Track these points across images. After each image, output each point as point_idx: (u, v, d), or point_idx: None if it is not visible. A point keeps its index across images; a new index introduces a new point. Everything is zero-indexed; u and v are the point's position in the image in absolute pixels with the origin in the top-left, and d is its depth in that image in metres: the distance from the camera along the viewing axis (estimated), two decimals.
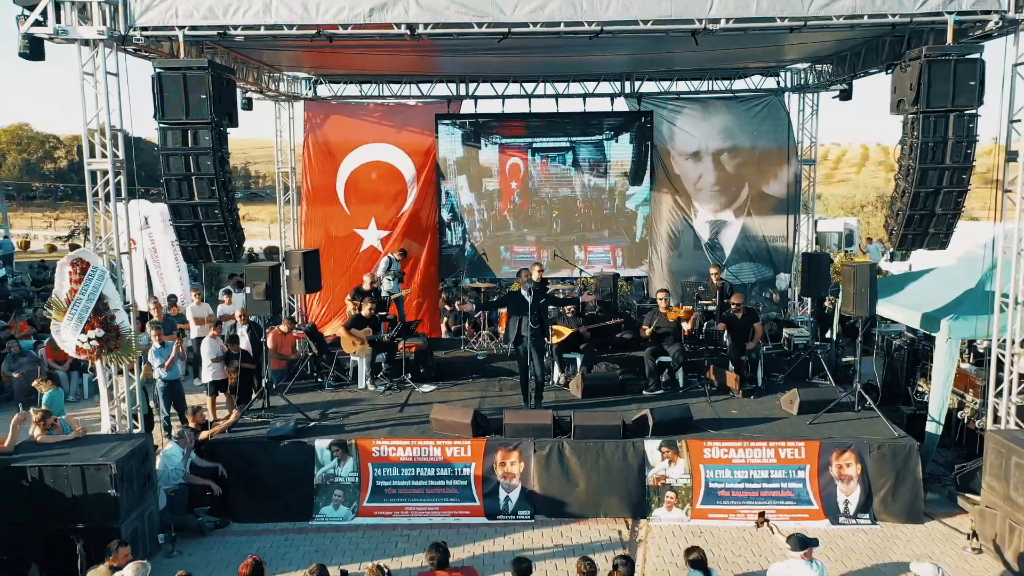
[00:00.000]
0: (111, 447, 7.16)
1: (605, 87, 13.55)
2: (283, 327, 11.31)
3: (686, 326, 10.31)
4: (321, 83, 13.63)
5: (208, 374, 10.96)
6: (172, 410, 10.39)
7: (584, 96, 13.60)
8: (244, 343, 11.37)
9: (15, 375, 12.57)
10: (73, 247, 34.93)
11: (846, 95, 12.64)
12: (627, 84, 13.39)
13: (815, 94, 13.21)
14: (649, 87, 13.50)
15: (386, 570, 5.76)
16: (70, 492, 6.80)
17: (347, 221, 13.69)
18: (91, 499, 6.80)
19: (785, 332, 12.06)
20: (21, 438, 7.49)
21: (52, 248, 39.69)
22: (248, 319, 11.63)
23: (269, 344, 11.04)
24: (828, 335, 12.55)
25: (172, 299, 13.82)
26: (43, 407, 8.96)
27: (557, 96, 13.61)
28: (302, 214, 13.84)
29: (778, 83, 13.42)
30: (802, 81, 13.05)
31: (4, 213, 33.23)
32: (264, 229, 37.08)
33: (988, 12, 7.27)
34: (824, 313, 13.13)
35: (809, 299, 13.06)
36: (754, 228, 13.62)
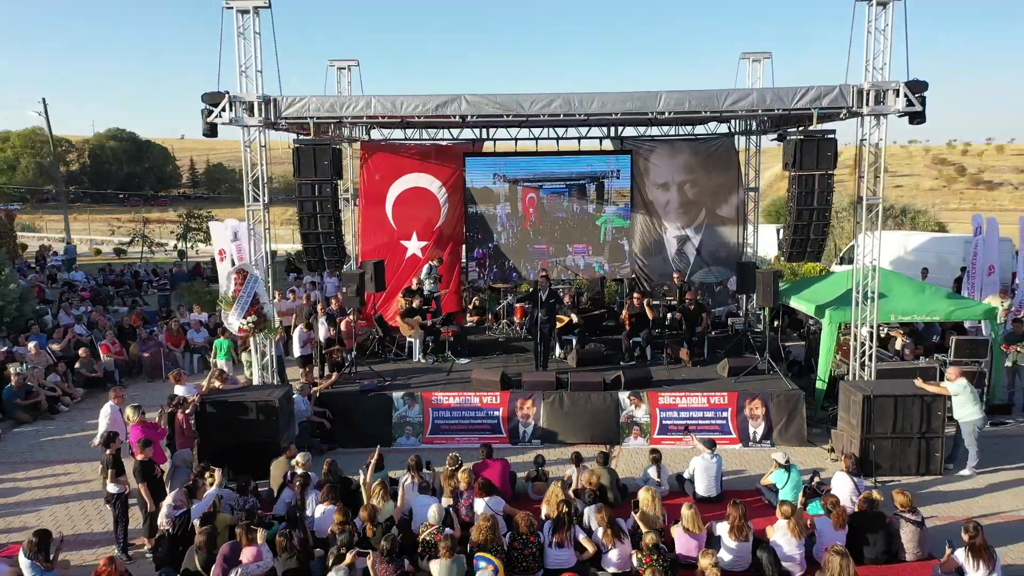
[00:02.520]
0: (270, 391, 10.93)
1: (595, 131, 17.12)
2: (352, 316, 15.08)
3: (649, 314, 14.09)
4: (373, 128, 17.29)
5: (298, 351, 14.81)
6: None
7: (579, 139, 17.17)
8: (323, 330, 15.21)
9: (145, 355, 16.39)
10: (118, 251, 38.36)
11: (782, 137, 16.26)
12: (612, 129, 17.02)
13: (758, 137, 16.82)
14: (629, 131, 17.04)
15: (459, 458, 9.56)
16: (248, 418, 10.48)
17: (395, 234, 16.93)
18: (261, 423, 10.43)
19: (730, 320, 15.87)
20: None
21: (98, 252, 43.02)
22: (326, 311, 15.51)
23: (343, 329, 14.90)
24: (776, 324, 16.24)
25: None
26: (216, 359, 12.86)
27: (559, 138, 17.11)
28: (359, 227, 17.00)
29: (729, 128, 16.78)
30: (747, 127, 16.55)
31: (66, 220, 36.11)
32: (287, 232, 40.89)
33: (840, 107, 11.02)
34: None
35: (746, 296, 16.69)
36: (711, 241, 16.93)
